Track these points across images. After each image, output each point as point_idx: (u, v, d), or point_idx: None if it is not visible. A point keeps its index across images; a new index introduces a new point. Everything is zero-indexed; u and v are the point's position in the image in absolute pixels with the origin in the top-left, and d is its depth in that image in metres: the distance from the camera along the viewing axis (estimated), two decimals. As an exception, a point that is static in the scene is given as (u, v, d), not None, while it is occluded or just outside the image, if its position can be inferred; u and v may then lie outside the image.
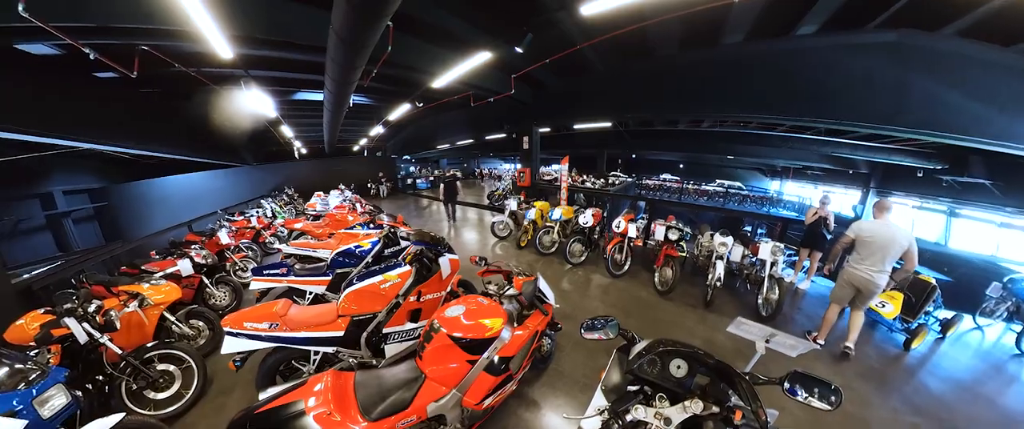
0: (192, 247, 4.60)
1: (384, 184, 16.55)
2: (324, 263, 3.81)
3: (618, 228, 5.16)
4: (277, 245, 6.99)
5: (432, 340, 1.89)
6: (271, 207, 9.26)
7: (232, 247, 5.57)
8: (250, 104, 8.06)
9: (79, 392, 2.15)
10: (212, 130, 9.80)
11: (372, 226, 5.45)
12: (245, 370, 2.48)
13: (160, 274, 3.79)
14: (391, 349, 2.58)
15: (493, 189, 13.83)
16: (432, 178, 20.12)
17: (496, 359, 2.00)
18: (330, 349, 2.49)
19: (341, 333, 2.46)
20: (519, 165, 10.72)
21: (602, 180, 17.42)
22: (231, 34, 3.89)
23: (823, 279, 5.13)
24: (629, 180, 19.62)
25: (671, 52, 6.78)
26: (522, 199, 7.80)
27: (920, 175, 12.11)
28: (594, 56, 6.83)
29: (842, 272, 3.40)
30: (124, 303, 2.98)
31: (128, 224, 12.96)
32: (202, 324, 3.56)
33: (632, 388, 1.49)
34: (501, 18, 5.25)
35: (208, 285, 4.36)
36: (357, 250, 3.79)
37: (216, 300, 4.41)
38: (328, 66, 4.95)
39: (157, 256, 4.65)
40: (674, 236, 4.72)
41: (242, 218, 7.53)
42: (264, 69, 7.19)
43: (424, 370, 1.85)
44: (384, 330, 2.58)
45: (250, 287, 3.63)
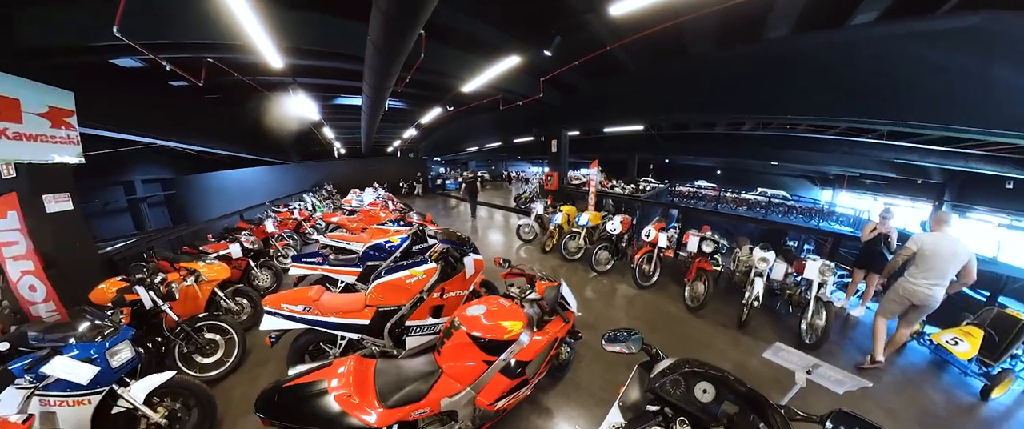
0: (242, 233, 5.14)
1: (419, 182, 17.26)
2: (356, 255, 4.05)
3: (648, 237, 4.89)
4: (315, 236, 7.53)
5: (452, 337, 1.92)
6: (312, 201, 9.98)
7: (276, 235, 6.11)
8: (296, 108, 8.85)
9: (141, 350, 2.49)
10: (263, 131, 10.94)
11: (402, 223, 5.69)
12: (278, 346, 2.69)
13: (214, 255, 4.26)
14: (412, 341, 2.67)
15: (520, 192, 13.90)
16: (460, 180, 20.65)
17: (513, 362, 1.99)
18: (355, 335, 2.62)
19: (367, 322, 2.59)
20: (547, 168, 10.75)
21: (632, 186, 16.85)
22: (281, 46, 4.37)
23: None
24: (661, 186, 18.32)
25: (708, 49, 6.35)
26: (549, 203, 7.75)
27: (1010, 186, 10.47)
28: (625, 57, 6.65)
29: (896, 286, 3.19)
30: (183, 277, 3.38)
31: (191, 210, 14.89)
32: (246, 301, 3.95)
33: (651, 408, 1.40)
34: (529, 23, 5.31)
35: (253, 268, 4.82)
36: (387, 245, 4.00)
37: (259, 281, 4.86)
38: (366, 73, 5.34)
39: (213, 239, 5.23)
40: (708, 248, 4.38)
41: (286, 210, 8.19)
42: (309, 77, 7.83)
43: (441, 365, 1.88)
44: (407, 323, 2.67)
45: (289, 272, 3.93)
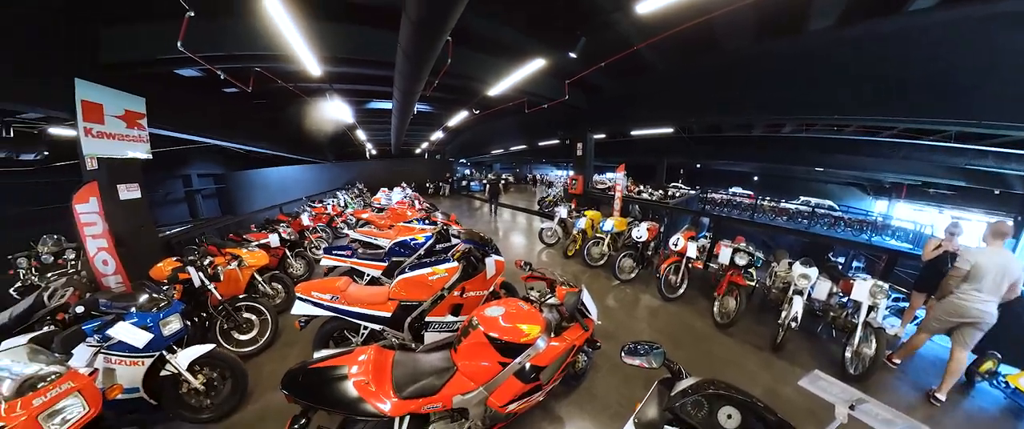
0: (281, 225, 5.58)
1: (448, 183, 17.75)
2: (383, 250, 4.29)
3: (676, 246, 4.69)
4: (346, 230, 7.94)
5: (469, 335, 1.95)
6: (344, 198, 10.55)
7: (311, 228, 6.56)
8: (333, 112, 9.52)
9: (188, 323, 2.77)
10: (303, 133, 11.83)
11: (427, 222, 5.88)
12: (307, 330, 2.88)
13: (255, 243, 4.66)
14: (430, 337, 2.74)
15: (544, 195, 13.90)
16: (484, 181, 21.00)
17: (528, 366, 1.98)
18: (377, 327, 2.73)
19: (389, 314, 2.69)
20: (572, 172, 10.67)
21: (661, 191, 16.25)
22: (320, 55, 4.75)
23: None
24: (692, 193, 17.58)
25: (743, 45, 5.92)
26: (573, 207, 7.65)
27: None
28: (653, 56, 6.44)
29: (946, 301, 2.94)
30: (228, 262, 3.72)
31: (238, 202, 16.34)
32: (280, 287, 4.28)
33: None
34: (554, 25, 5.34)
35: (289, 256, 5.21)
36: (412, 242, 4.18)
37: (293, 269, 5.23)
38: (396, 79, 5.63)
39: (255, 229, 5.70)
40: (742, 261, 4.11)
41: (321, 205, 8.74)
42: (344, 83, 8.39)
43: (457, 362, 1.91)
44: (427, 318, 2.75)
45: (321, 263, 4.21)
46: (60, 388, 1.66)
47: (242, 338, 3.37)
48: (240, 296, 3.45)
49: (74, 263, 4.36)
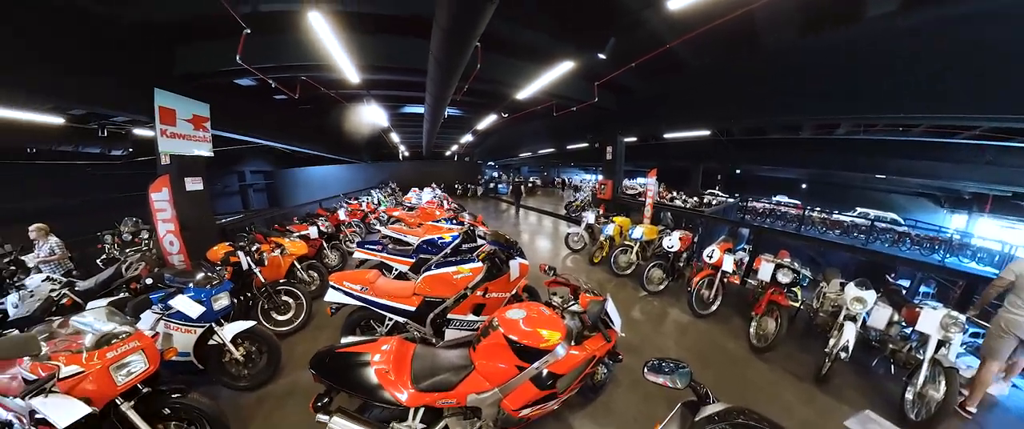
0: (319, 219, 6.02)
1: (480, 185, 18.28)
2: (411, 247, 4.43)
3: (710, 258, 4.35)
4: (378, 226, 8.36)
5: (488, 336, 1.95)
6: (377, 196, 11.12)
7: (346, 223, 7.00)
8: (369, 116, 10.22)
9: (235, 300, 3.07)
10: (343, 135, 12.88)
11: (455, 222, 6.01)
12: (337, 317, 3.02)
13: (297, 234, 5.07)
14: (451, 333, 2.78)
15: (571, 199, 13.77)
16: (510, 184, 21.22)
17: (545, 372, 1.95)
18: (401, 319, 2.80)
19: (413, 308, 2.76)
20: (600, 176, 10.47)
21: (695, 199, 15.44)
22: (358, 64, 5.14)
23: None
24: (730, 201, 16.41)
25: (788, 38, 5.40)
26: (601, 213, 7.48)
27: None
28: (687, 53, 6.12)
29: (996, 319, 2.66)
30: (272, 249, 4.08)
31: (284, 196, 18.13)
32: (316, 275, 4.61)
33: None
34: (582, 27, 5.33)
35: (325, 248, 5.60)
36: (439, 241, 4.30)
37: (329, 260, 5.61)
38: (428, 84, 5.92)
39: (297, 221, 6.20)
40: (785, 278, 3.71)
41: (356, 202, 9.27)
42: (380, 89, 8.91)
43: (475, 361, 1.91)
44: (449, 315, 2.79)
45: (353, 255, 4.52)
46: (128, 346, 1.92)
47: (279, 318, 3.68)
48: (280, 281, 3.77)
49: (147, 242, 5.15)
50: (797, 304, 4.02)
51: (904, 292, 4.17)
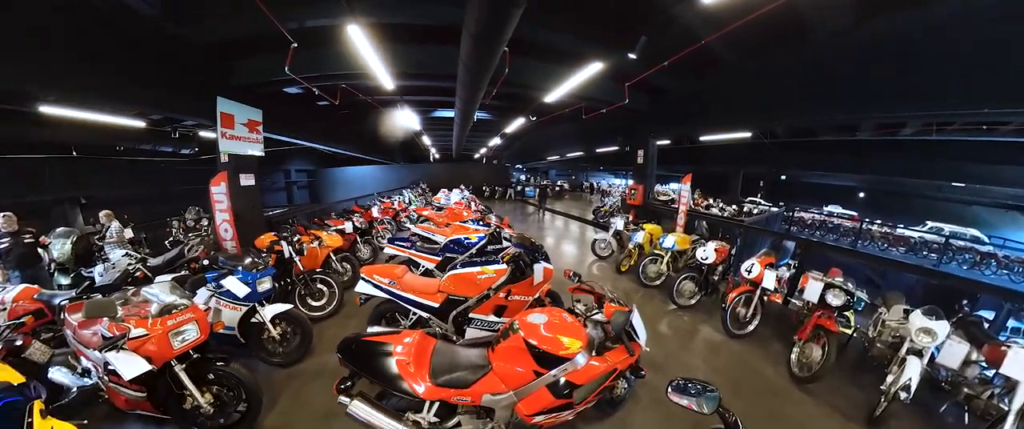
0: (355, 215, 6.40)
1: (512, 188, 18.83)
2: (438, 245, 4.56)
3: (749, 273, 4.00)
4: (408, 224, 8.68)
5: (508, 338, 1.95)
6: (408, 196, 11.57)
7: (379, 220, 7.36)
8: (403, 120, 10.78)
9: (276, 285, 3.35)
10: (378, 138, 13.62)
11: (481, 223, 6.07)
12: (365, 307, 3.22)
13: (333, 228, 5.42)
14: (471, 332, 2.83)
15: (600, 204, 13.50)
16: (538, 188, 21.29)
17: (562, 380, 1.92)
18: (425, 314, 2.90)
19: (437, 305, 2.84)
20: (631, 181, 10.15)
21: (734, 207, 14.40)
22: (393, 72, 5.47)
23: None
24: (774, 210, 14.63)
25: (842, 26, 4.81)
26: (630, 219, 7.17)
27: None
28: (724, 50, 5.72)
29: None
30: (311, 240, 4.40)
31: (324, 193, 19.50)
32: (349, 267, 4.91)
33: None
34: (611, 27, 5.22)
35: (359, 242, 5.96)
36: (465, 241, 4.34)
37: (361, 253, 5.97)
38: (458, 89, 6.12)
39: (334, 216, 6.62)
40: (836, 301, 3.30)
41: (388, 201, 9.71)
42: (413, 95, 9.35)
43: (492, 362, 1.92)
44: (470, 314, 2.84)
45: (384, 250, 4.74)
46: (185, 316, 2.18)
47: (314, 304, 3.96)
48: (317, 270, 4.07)
49: (206, 228, 5.89)
50: (849, 331, 3.54)
51: (986, 325, 3.39)
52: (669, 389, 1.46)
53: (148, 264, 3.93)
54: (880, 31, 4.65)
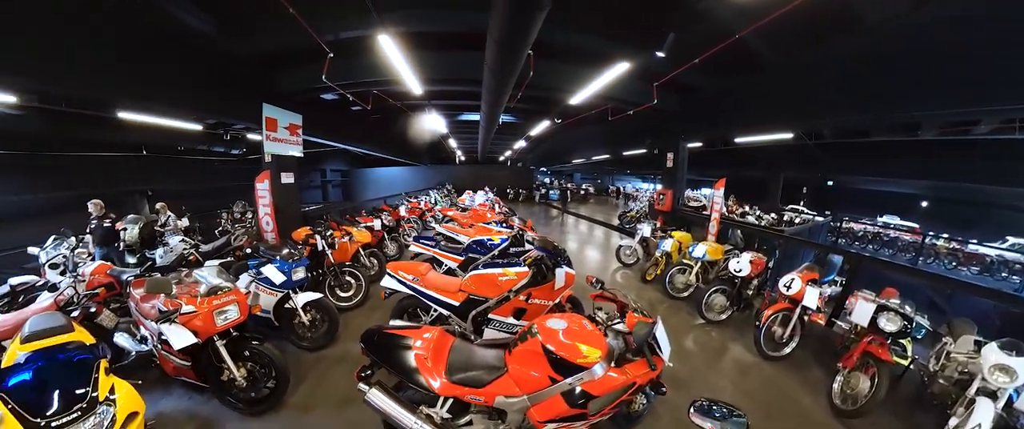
0: (383, 213, 6.70)
1: (537, 190, 18.95)
2: (461, 246, 4.65)
3: (788, 289, 3.64)
4: (433, 224, 8.92)
5: (526, 341, 1.94)
6: (434, 196, 11.92)
7: (405, 218, 7.65)
8: (430, 124, 11.15)
9: (309, 275, 3.57)
10: (407, 141, 14.21)
11: (504, 225, 6.13)
12: (389, 301, 3.33)
13: (363, 225, 5.71)
14: (489, 333, 2.84)
15: (626, 209, 13.16)
16: (559, 190, 21.23)
17: (578, 390, 1.87)
18: (445, 312, 2.96)
19: (457, 304, 2.88)
20: (659, 185, 9.82)
21: (773, 215, 13.29)
22: (421, 77, 5.72)
23: None
24: (819, 219, 13.29)
25: (897, 11, 4.25)
26: (658, 226, 6.91)
27: None
28: (762, 44, 5.28)
29: None
30: (342, 235, 4.65)
31: (356, 192, 20.55)
32: (376, 262, 5.13)
33: None
34: (638, 25, 5.03)
35: (386, 239, 6.23)
36: (488, 242, 4.41)
37: (388, 249, 6.22)
38: (483, 93, 6.26)
39: (364, 214, 6.96)
40: (890, 326, 2.90)
41: (415, 200, 10.05)
42: (440, 99, 9.64)
43: (508, 365, 1.91)
44: (490, 315, 2.86)
45: (410, 248, 4.91)
46: (228, 298, 2.41)
47: (342, 295, 4.19)
48: (346, 263, 4.30)
49: (250, 220, 6.52)
50: (905, 362, 3.05)
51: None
52: (691, 410, 1.38)
53: (200, 250, 4.38)
54: (944, 13, 4.02)
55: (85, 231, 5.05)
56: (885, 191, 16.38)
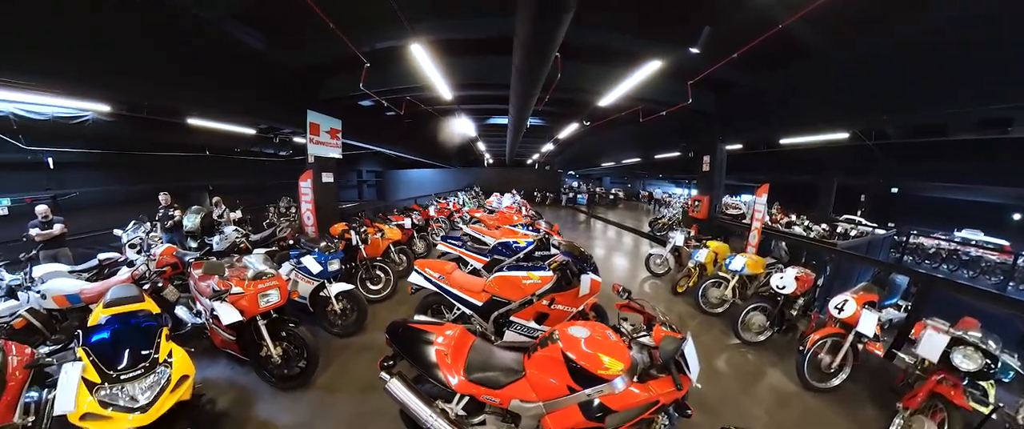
0: (413, 213, 6.96)
1: (565, 194, 18.86)
2: (487, 247, 4.76)
3: (840, 311, 3.21)
4: (460, 224, 9.14)
5: (546, 347, 1.91)
6: (463, 198, 12.19)
7: (434, 218, 7.90)
8: (459, 127, 11.54)
9: (343, 267, 3.81)
10: (437, 144, 14.72)
11: (531, 229, 6.11)
12: (415, 296, 3.43)
13: (394, 223, 5.98)
14: (510, 335, 2.85)
15: (657, 216, 12.58)
16: (587, 194, 20.87)
17: (596, 402, 1.80)
18: (468, 311, 3.02)
19: (480, 304, 2.92)
20: (694, 191, 9.32)
21: (824, 226, 11.33)
22: (451, 83, 5.96)
23: None
24: (880, 232, 11.38)
25: None
26: (692, 234, 6.39)
27: None
28: (809, 33, 4.71)
29: None
30: (375, 232, 4.90)
31: (388, 192, 21.67)
32: (404, 258, 5.37)
33: None
34: (669, 20, 4.84)
35: (415, 237, 6.46)
36: (514, 245, 4.48)
37: (416, 247, 6.45)
38: (511, 97, 6.34)
39: (396, 212, 7.28)
40: (968, 363, 2.44)
41: (444, 201, 10.36)
42: (469, 104, 9.90)
43: (527, 369, 1.89)
44: (511, 318, 2.87)
45: (437, 247, 5.04)
46: (271, 283, 2.65)
47: (372, 287, 4.41)
48: (377, 258, 4.54)
49: (294, 215, 7.16)
50: (985, 409, 2.49)
51: None
52: None
53: (250, 239, 4.89)
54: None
55: (156, 218, 5.88)
56: (965, 200, 14.17)
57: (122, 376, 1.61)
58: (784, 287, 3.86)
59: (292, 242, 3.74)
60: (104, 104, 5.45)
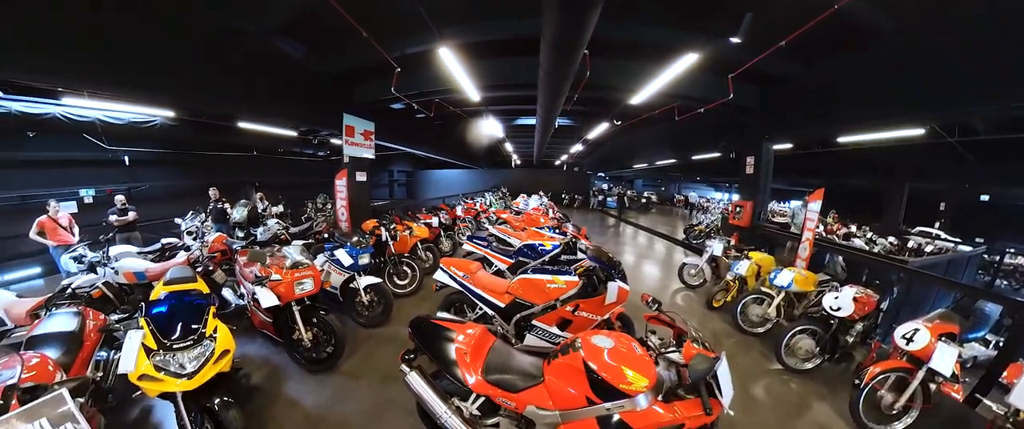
0: (441, 212, 7.16)
1: (594, 197, 18.83)
2: (513, 248, 4.77)
3: (908, 342, 2.71)
4: (487, 225, 9.24)
5: (567, 354, 1.85)
6: (490, 198, 12.34)
7: (461, 218, 8.04)
8: (487, 128, 11.66)
9: (372, 261, 4.00)
10: (465, 145, 15.00)
11: (557, 232, 6.02)
12: (439, 293, 3.58)
13: (423, 221, 6.16)
14: (531, 340, 2.83)
15: (693, 222, 11.87)
16: (616, 197, 20.32)
17: (616, 418, 1.71)
18: (490, 312, 3.02)
19: (503, 305, 2.92)
20: (735, 196, 8.60)
21: (892, 239, 10.00)
22: (478, 85, 6.06)
23: None
24: (965, 249, 9.45)
25: None
26: (732, 243, 5.88)
27: None
28: (870, 13, 4.11)
29: None
30: (404, 229, 5.08)
31: (418, 191, 22.62)
32: (431, 256, 5.51)
33: None
34: (705, 9, 4.53)
35: (442, 236, 6.61)
36: (539, 247, 4.41)
37: (443, 246, 6.60)
38: (539, 97, 6.29)
39: (424, 211, 7.51)
40: None
41: (471, 202, 10.54)
42: (497, 105, 9.98)
43: (545, 375, 1.85)
44: (533, 322, 2.83)
45: (463, 246, 5.14)
46: (306, 272, 2.84)
47: (398, 282, 4.57)
48: (405, 254, 4.70)
49: (329, 210, 7.75)
50: None
51: None
52: None
53: (289, 231, 5.33)
54: None
55: (208, 210, 6.62)
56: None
57: (174, 346, 1.81)
58: (839, 309, 3.39)
59: (327, 235, 4.01)
60: (170, 110, 6.33)
